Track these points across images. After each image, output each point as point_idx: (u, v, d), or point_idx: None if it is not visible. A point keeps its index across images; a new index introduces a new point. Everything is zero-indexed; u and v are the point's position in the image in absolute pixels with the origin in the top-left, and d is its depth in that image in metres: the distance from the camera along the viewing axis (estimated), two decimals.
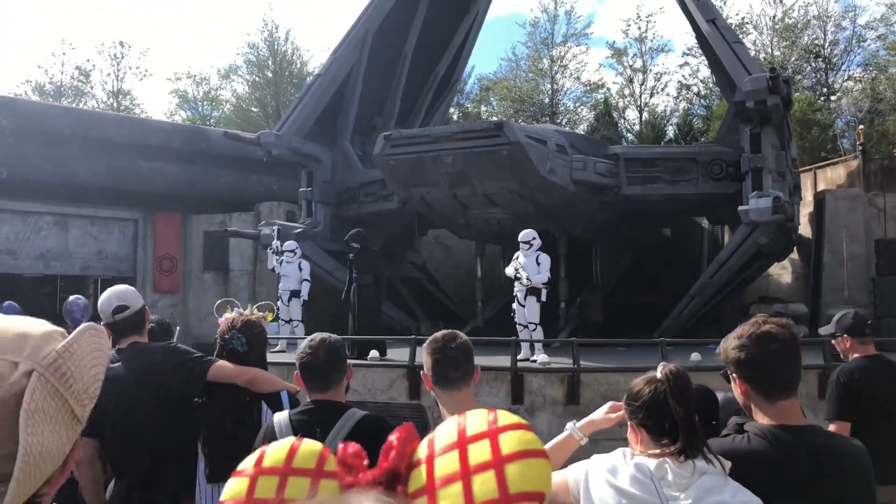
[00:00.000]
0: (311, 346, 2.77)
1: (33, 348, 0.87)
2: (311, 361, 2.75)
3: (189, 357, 3.30)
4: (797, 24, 30.22)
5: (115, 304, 3.36)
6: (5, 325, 0.90)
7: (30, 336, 0.89)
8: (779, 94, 12.58)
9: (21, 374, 0.84)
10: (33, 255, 18.19)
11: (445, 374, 2.49)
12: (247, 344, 3.27)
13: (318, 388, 2.77)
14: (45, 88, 37.42)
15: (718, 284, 14.18)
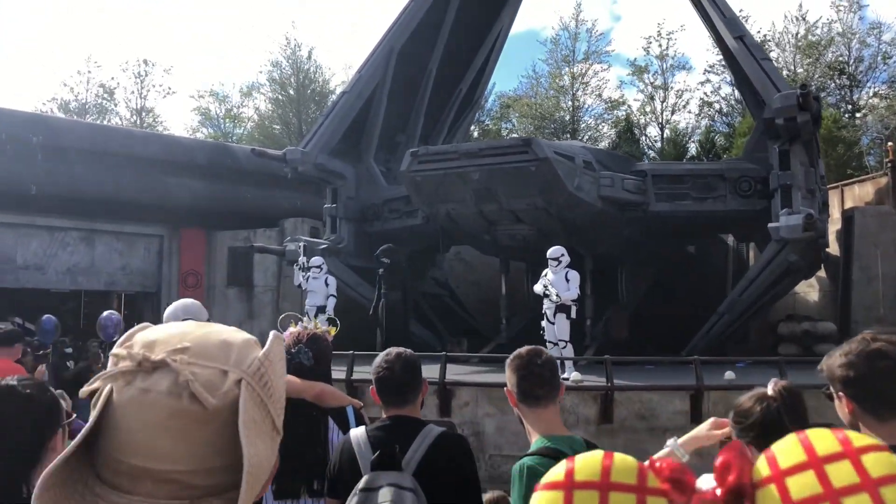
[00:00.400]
0: (388, 361, 2.75)
1: (238, 356, 0.85)
2: (388, 376, 2.72)
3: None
4: (821, 41, 30.10)
5: (182, 317, 3.34)
6: (206, 333, 0.88)
7: (232, 344, 0.87)
8: (809, 110, 12.50)
9: (232, 384, 0.82)
10: (60, 269, 18.35)
11: (531, 392, 2.45)
12: (313, 358, 3.23)
13: (394, 404, 2.73)
14: (70, 106, 37.95)
15: (747, 302, 14.06)
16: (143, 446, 0.78)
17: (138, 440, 0.78)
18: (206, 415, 0.79)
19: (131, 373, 0.81)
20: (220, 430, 0.80)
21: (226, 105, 40.33)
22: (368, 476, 2.47)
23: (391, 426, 2.70)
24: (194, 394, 0.78)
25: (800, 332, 16.40)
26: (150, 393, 0.79)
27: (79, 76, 37.87)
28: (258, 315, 19.62)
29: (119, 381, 0.81)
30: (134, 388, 0.80)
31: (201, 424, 0.79)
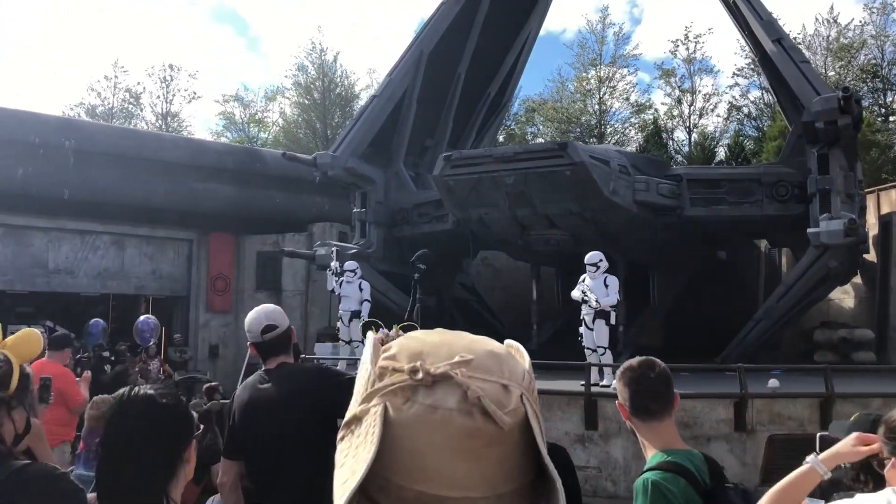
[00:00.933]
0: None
1: (509, 369, 0.75)
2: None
3: (344, 377, 3.18)
4: (853, 43, 29.68)
5: (265, 323, 3.27)
6: (472, 341, 0.77)
7: (499, 355, 0.77)
8: (850, 114, 12.27)
9: (517, 400, 0.72)
10: (91, 273, 18.46)
11: (645, 406, 2.33)
12: None
13: None
14: (97, 111, 38.29)
15: (784, 308, 13.82)
16: (433, 471, 0.69)
17: (427, 465, 0.69)
18: (501, 435, 0.69)
19: (410, 388, 0.71)
20: (509, 451, 0.71)
21: (250, 110, 40.61)
22: None
23: None
24: (486, 411, 0.69)
25: (836, 340, 16.12)
26: (438, 410, 0.69)
27: (106, 81, 38.22)
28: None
29: (398, 397, 0.71)
30: (417, 405, 0.70)
31: (494, 446, 0.70)
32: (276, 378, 3.17)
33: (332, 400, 3.06)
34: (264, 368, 3.26)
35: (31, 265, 17.51)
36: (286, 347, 3.31)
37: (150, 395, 1.77)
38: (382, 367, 0.75)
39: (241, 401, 3.22)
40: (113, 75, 38.13)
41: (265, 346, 3.26)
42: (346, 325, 12.77)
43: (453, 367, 0.71)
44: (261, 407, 3.09)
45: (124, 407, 1.73)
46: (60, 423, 6.27)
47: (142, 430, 1.71)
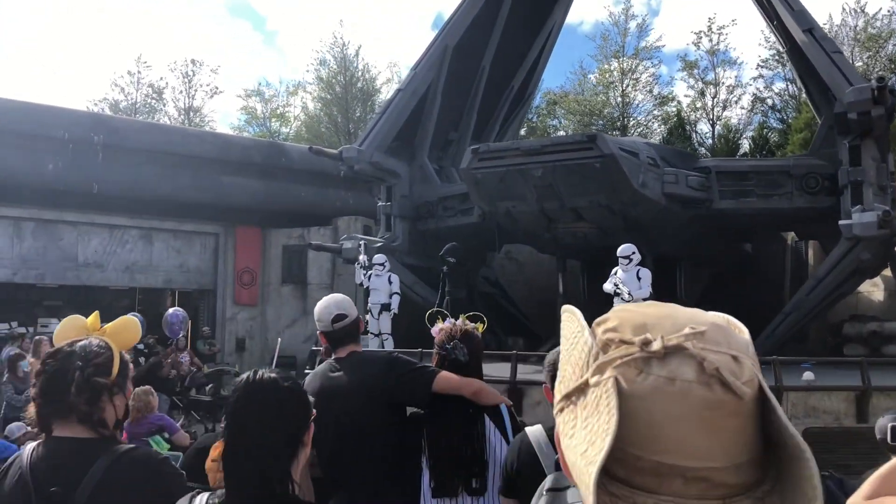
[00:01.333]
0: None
1: (733, 339, 0.75)
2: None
3: (413, 367, 3.20)
4: (881, 33, 29.31)
5: (335, 312, 3.31)
6: (694, 313, 0.78)
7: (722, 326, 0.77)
8: (884, 104, 12.12)
9: (750, 370, 0.73)
10: (119, 267, 18.66)
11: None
12: (468, 354, 3.17)
13: None
14: (120, 106, 38.62)
15: (814, 301, 13.71)
16: (671, 442, 0.69)
17: (666, 435, 0.70)
18: (739, 406, 0.70)
19: (643, 360, 0.72)
20: (746, 422, 0.71)
21: (271, 104, 40.82)
22: (554, 475, 2.38)
23: None
24: (724, 383, 0.70)
25: (866, 333, 15.97)
26: (676, 382, 0.70)
27: (129, 77, 38.52)
28: (312, 312, 19.65)
29: (631, 368, 0.72)
30: (652, 376, 0.71)
31: (732, 417, 0.70)
32: (347, 366, 3.20)
33: (402, 387, 3.09)
34: (334, 357, 3.29)
35: (62, 259, 17.74)
36: (354, 336, 3.35)
37: (274, 378, 1.80)
38: (607, 339, 0.76)
39: (311, 389, 3.24)
40: (136, 70, 38.44)
41: (335, 335, 3.30)
42: (376, 317, 12.81)
43: (687, 338, 0.72)
44: (332, 395, 3.12)
45: (250, 391, 1.76)
46: None
47: (268, 414, 1.74)
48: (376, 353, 3.67)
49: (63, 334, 2.25)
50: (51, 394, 2.00)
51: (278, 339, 10.73)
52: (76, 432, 2.00)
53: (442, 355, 3.20)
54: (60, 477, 1.93)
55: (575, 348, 0.80)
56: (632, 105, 34.27)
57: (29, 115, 16.58)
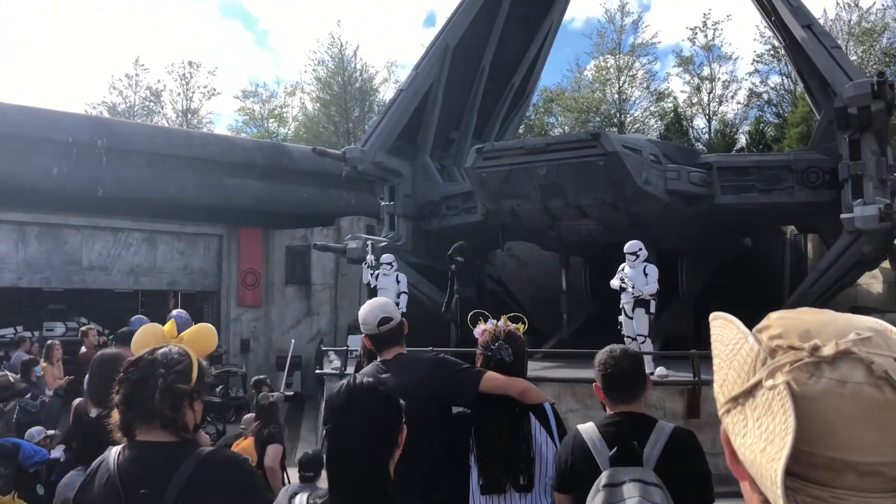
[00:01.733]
0: (614, 358, 2.78)
1: (889, 341, 0.82)
2: (616, 373, 2.75)
3: (460, 367, 3.30)
4: (875, 27, 29.50)
5: (380, 315, 3.39)
6: (849, 319, 0.86)
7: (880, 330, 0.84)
8: (883, 99, 12.26)
9: None
10: (124, 270, 18.73)
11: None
12: (512, 354, 3.27)
13: (622, 400, 2.76)
14: (118, 109, 38.61)
15: (817, 293, 13.83)
16: (844, 439, 0.78)
17: (839, 433, 0.78)
18: None
19: (813, 364, 0.80)
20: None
21: (269, 105, 40.84)
22: (609, 471, 2.50)
23: (621, 422, 2.72)
24: (893, 384, 0.78)
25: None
26: (847, 384, 0.78)
27: (127, 79, 38.51)
28: (317, 312, 19.84)
29: (802, 372, 0.80)
30: (824, 379, 0.79)
31: None
32: (394, 368, 3.28)
33: (449, 388, 3.19)
34: (381, 359, 3.37)
35: (66, 262, 17.80)
36: (399, 339, 3.43)
37: (374, 384, 1.90)
38: (774, 346, 0.84)
39: None
40: (134, 73, 38.43)
41: (380, 337, 3.38)
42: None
43: (855, 343, 0.80)
44: None
45: (353, 398, 1.85)
46: None
47: (370, 418, 1.84)
48: (422, 355, 3.74)
49: (142, 342, 2.35)
50: (135, 400, 2.08)
51: (292, 341, 10.83)
52: (159, 436, 2.09)
53: (487, 356, 3.28)
54: (148, 479, 2.03)
55: (737, 354, 0.87)
56: (628, 101, 34.44)
57: (32, 119, 16.64)
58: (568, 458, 2.73)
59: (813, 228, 16.71)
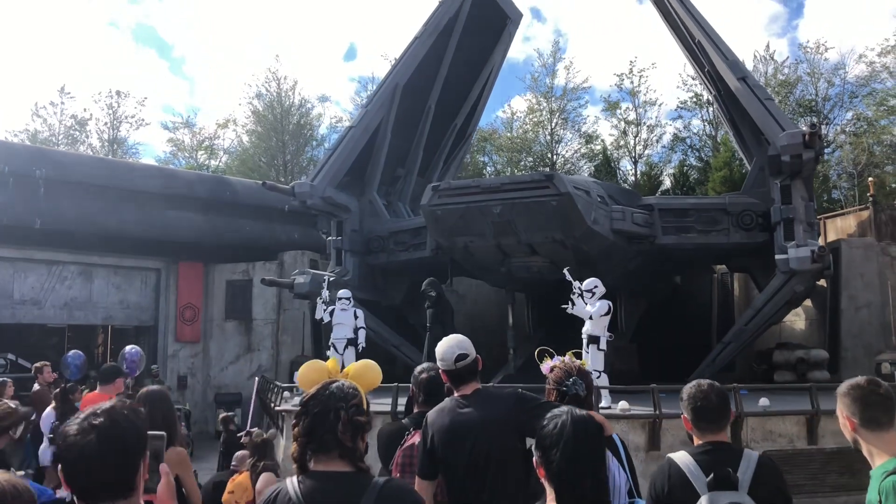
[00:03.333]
0: (703, 392, 3.00)
1: None
2: (705, 405, 2.98)
3: (540, 401, 3.45)
4: (788, 79, 31.46)
5: (457, 352, 3.53)
6: None
7: None
8: (813, 148, 13.16)
9: None
10: (58, 304, 18.10)
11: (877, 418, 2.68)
12: (585, 389, 3.46)
13: (710, 430, 2.99)
14: (39, 136, 37.39)
15: (752, 330, 14.58)
16: None
17: None
18: None
19: None
20: None
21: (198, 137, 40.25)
22: (709, 496, 2.73)
23: (713, 451, 2.95)
24: None
25: (794, 360, 16.94)
26: None
27: (52, 107, 37.42)
28: (257, 348, 19.57)
29: None
30: None
31: None
32: (475, 402, 3.43)
33: (533, 421, 3.36)
34: (459, 394, 3.51)
35: None
36: (475, 374, 3.58)
37: (590, 415, 2.10)
38: None
39: (440, 425, 3.45)
40: (59, 101, 37.38)
41: (457, 373, 3.52)
42: (340, 353, 12.88)
43: None
44: (464, 429, 3.36)
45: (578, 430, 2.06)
46: None
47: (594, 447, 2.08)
48: (503, 390, 3.88)
49: (308, 378, 2.46)
50: (317, 432, 2.20)
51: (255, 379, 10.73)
52: (338, 466, 2.20)
53: (562, 391, 3.48)
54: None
55: None
56: (561, 143, 35.52)
57: None
58: (664, 484, 2.94)
59: (744, 268, 17.57)
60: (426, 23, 18.46)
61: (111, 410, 1.82)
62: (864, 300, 17.24)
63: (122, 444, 1.78)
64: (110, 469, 1.75)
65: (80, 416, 1.81)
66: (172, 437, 3.91)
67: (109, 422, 1.78)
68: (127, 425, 1.81)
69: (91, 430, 1.76)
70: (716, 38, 15.40)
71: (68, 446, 1.75)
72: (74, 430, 1.77)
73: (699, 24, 15.71)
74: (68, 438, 1.76)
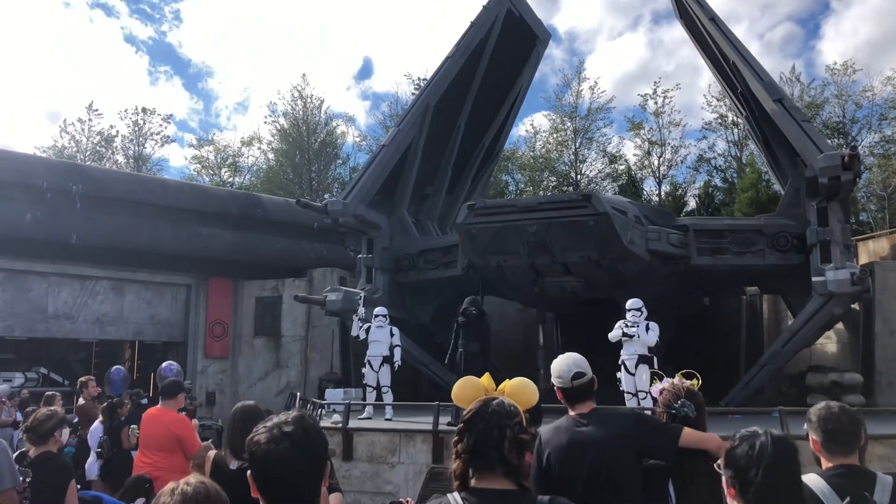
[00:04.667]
0: (833, 414, 2.99)
1: None
2: (836, 428, 2.97)
3: (659, 423, 3.47)
4: (815, 101, 31.40)
5: (574, 370, 3.54)
6: None
7: None
8: (852, 170, 13.08)
9: None
10: (90, 319, 18.22)
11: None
12: (695, 410, 3.46)
13: (842, 453, 2.97)
14: (65, 153, 37.87)
15: (789, 353, 14.45)
16: None
17: None
18: None
19: None
20: None
21: (223, 154, 40.60)
22: None
23: (846, 474, 2.93)
24: None
25: (828, 383, 16.76)
26: None
27: (79, 124, 37.92)
28: (286, 365, 19.60)
29: None
30: None
31: None
32: (594, 421, 3.43)
33: (653, 441, 3.36)
34: (576, 412, 3.51)
35: (31, 310, 17.23)
36: (591, 394, 3.59)
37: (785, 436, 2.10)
38: None
39: (557, 443, 3.45)
40: (87, 118, 37.86)
41: (573, 392, 3.53)
42: (376, 370, 12.89)
43: None
44: (584, 447, 3.36)
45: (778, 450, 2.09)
46: (179, 471, 6.31)
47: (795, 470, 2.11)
48: (620, 410, 3.90)
49: (464, 395, 2.46)
50: (481, 449, 2.20)
51: (297, 394, 10.75)
52: (501, 484, 2.19)
53: (672, 413, 3.48)
54: None
55: None
56: (585, 162, 35.58)
57: (5, 163, 16.27)
58: None
59: (777, 290, 17.45)
60: (458, 43, 18.60)
61: (300, 420, 1.87)
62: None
63: (313, 452, 1.82)
64: (301, 477, 1.79)
65: (268, 425, 1.85)
66: None
67: (301, 431, 1.82)
68: (315, 435, 1.84)
69: (283, 437, 1.81)
70: (751, 59, 15.40)
71: (261, 454, 1.79)
72: (265, 438, 1.82)
73: (734, 45, 15.71)
74: (261, 446, 1.80)
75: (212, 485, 1.90)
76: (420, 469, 10.77)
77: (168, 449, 6.31)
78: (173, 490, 1.86)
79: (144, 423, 6.57)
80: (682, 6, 18.93)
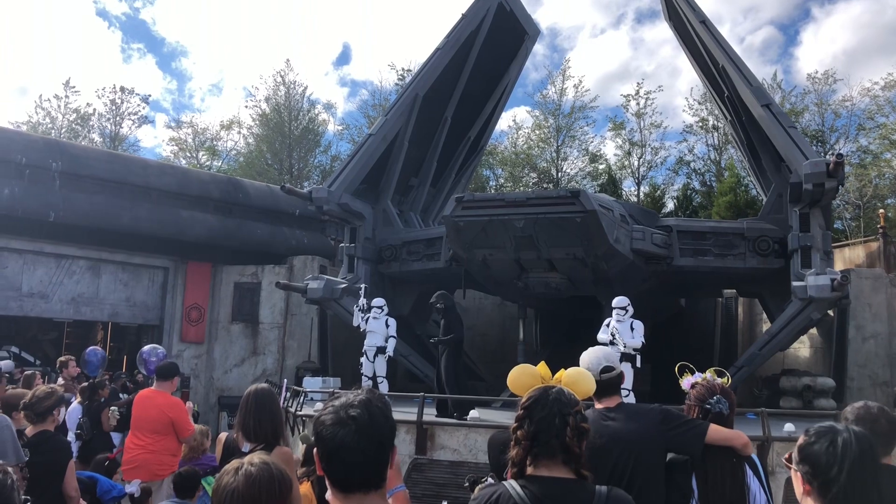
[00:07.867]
0: (872, 415, 3.00)
1: None
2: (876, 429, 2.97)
3: (686, 419, 3.47)
4: (795, 109, 31.76)
5: (603, 363, 3.53)
6: None
7: None
8: (836, 177, 13.25)
9: None
10: (65, 299, 17.92)
11: None
12: (728, 407, 3.47)
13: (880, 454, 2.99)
14: (39, 129, 37.16)
15: (767, 356, 14.64)
16: None
17: None
18: None
19: None
20: None
21: (201, 137, 40.11)
22: None
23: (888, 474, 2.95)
24: None
25: (801, 387, 17.02)
26: None
27: (56, 100, 37.23)
28: (263, 352, 19.45)
29: None
30: None
31: None
32: (621, 415, 3.43)
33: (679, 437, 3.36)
34: (603, 406, 3.51)
35: (4, 287, 16.90)
36: (617, 388, 3.59)
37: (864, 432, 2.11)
38: None
39: None
40: (64, 95, 37.17)
41: (601, 385, 3.51)
42: (371, 360, 12.86)
43: None
44: (609, 441, 3.36)
45: (863, 446, 2.05)
46: (170, 453, 6.25)
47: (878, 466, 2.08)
48: (646, 405, 3.89)
49: (519, 383, 2.44)
50: (542, 437, 2.18)
51: (284, 380, 10.67)
52: (560, 472, 2.19)
53: (705, 409, 3.48)
54: None
55: None
56: (566, 160, 35.65)
57: None
58: None
59: (756, 293, 17.64)
60: (448, 35, 18.53)
61: (367, 403, 1.82)
62: (871, 331, 17.34)
63: (380, 436, 1.78)
64: (367, 460, 1.75)
65: (334, 406, 1.81)
66: (278, 435, 3.87)
67: (368, 415, 1.78)
68: (382, 419, 1.80)
69: (349, 420, 1.76)
70: (740, 63, 15.52)
71: (327, 437, 1.75)
72: (331, 420, 1.77)
73: (724, 49, 15.83)
74: (326, 429, 1.76)
75: (276, 465, 1.86)
76: (403, 460, 10.74)
77: (161, 431, 6.23)
78: (237, 469, 1.81)
79: (137, 405, 6.48)
80: (671, 7, 19.03)
